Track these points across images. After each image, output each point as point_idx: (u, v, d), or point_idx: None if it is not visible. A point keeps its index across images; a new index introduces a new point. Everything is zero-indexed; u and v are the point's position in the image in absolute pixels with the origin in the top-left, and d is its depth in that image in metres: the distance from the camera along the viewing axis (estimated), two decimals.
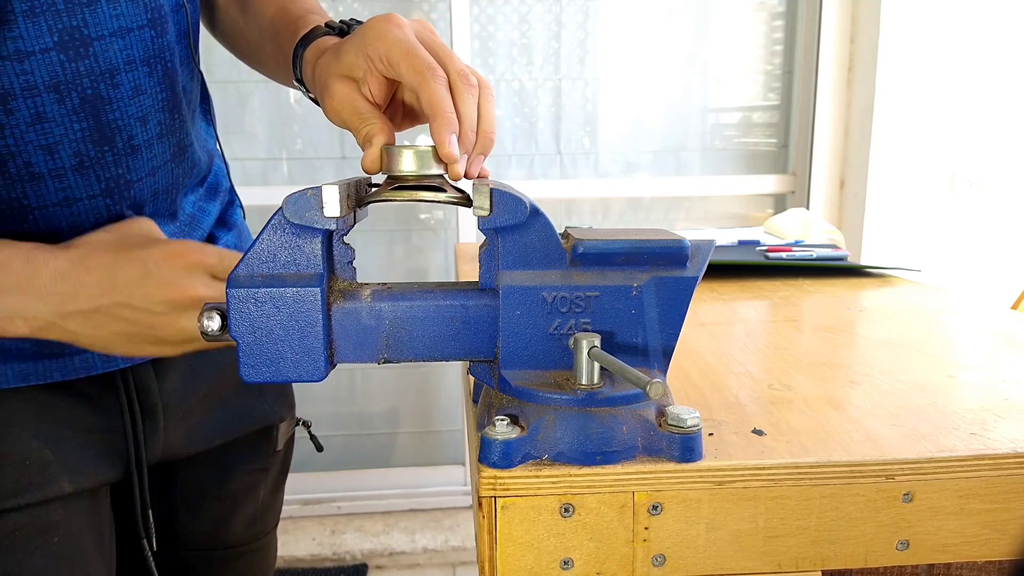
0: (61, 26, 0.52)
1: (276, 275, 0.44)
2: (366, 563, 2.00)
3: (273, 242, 0.44)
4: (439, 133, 0.48)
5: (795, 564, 0.44)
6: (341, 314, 0.45)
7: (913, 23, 1.85)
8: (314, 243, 0.44)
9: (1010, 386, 0.57)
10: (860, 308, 0.84)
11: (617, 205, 2.15)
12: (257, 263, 0.45)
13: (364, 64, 0.52)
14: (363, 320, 0.45)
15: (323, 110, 0.56)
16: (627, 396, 0.43)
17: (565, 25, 2.03)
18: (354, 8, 1.97)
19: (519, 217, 0.44)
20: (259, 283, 0.44)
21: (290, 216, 0.44)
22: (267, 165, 2.03)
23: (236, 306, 0.43)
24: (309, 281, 0.44)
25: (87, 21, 0.53)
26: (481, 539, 0.44)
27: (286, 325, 0.44)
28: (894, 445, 0.45)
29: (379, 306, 0.45)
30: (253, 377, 0.44)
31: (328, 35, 0.62)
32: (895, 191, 1.93)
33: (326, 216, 0.43)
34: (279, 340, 0.44)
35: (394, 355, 0.46)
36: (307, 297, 0.44)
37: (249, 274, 0.44)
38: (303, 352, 0.44)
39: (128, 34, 0.56)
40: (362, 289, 0.46)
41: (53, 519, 0.60)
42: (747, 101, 2.14)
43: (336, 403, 2.17)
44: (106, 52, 0.55)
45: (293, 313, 0.44)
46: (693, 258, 0.47)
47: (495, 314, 0.46)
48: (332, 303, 0.45)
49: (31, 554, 0.59)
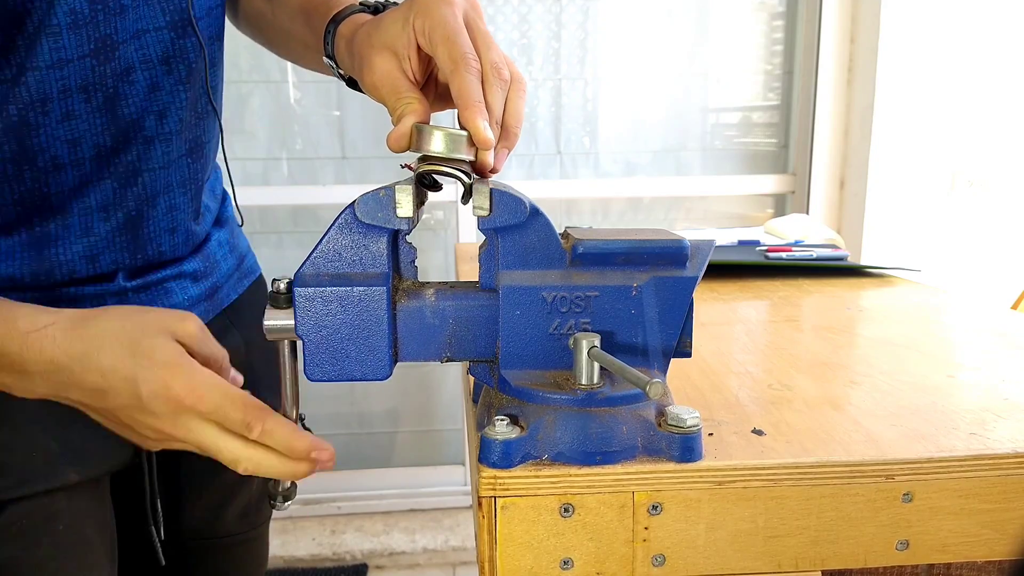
0: (97, 35, 0.55)
1: (342, 274, 0.45)
2: (366, 563, 2.00)
3: (340, 242, 0.45)
4: (471, 120, 0.47)
5: (795, 564, 0.44)
6: (406, 313, 0.46)
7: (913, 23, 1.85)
8: (380, 242, 0.45)
9: (1010, 386, 0.57)
10: (860, 308, 0.84)
11: (617, 205, 2.15)
12: (323, 262, 0.45)
13: (406, 37, 0.51)
14: (427, 319, 0.46)
15: (360, 83, 0.56)
16: (627, 396, 0.43)
17: (565, 25, 2.03)
18: None
19: (519, 217, 0.44)
20: (325, 282, 0.44)
21: (362, 216, 0.44)
22: (267, 165, 2.03)
23: (302, 305, 0.44)
24: (375, 280, 0.44)
25: (117, 28, 0.56)
26: (481, 539, 0.44)
27: (352, 324, 0.44)
28: (894, 445, 0.45)
29: (443, 305, 0.46)
30: (318, 376, 0.45)
31: (363, 12, 0.61)
32: (895, 191, 1.93)
33: (399, 216, 0.44)
34: (345, 339, 0.45)
35: (457, 354, 0.47)
36: (373, 296, 0.44)
37: (315, 273, 0.45)
38: (368, 350, 0.45)
39: (144, 35, 0.58)
40: (425, 288, 0.47)
41: (58, 508, 0.61)
42: (747, 101, 2.14)
43: (336, 402, 2.17)
44: (127, 53, 0.57)
45: (359, 312, 0.44)
46: (693, 258, 0.47)
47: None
48: (397, 302, 0.45)
49: (36, 543, 0.60)
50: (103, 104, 0.57)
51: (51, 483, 0.60)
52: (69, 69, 0.54)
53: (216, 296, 0.73)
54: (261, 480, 0.82)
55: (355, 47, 0.56)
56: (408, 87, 0.51)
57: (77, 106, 0.56)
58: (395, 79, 0.51)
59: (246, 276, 0.80)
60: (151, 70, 0.60)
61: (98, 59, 0.55)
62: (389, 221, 0.44)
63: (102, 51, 0.55)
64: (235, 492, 0.79)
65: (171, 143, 0.63)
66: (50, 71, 0.54)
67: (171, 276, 0.68)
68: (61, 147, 0.57)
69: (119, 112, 0.59)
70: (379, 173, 2.04)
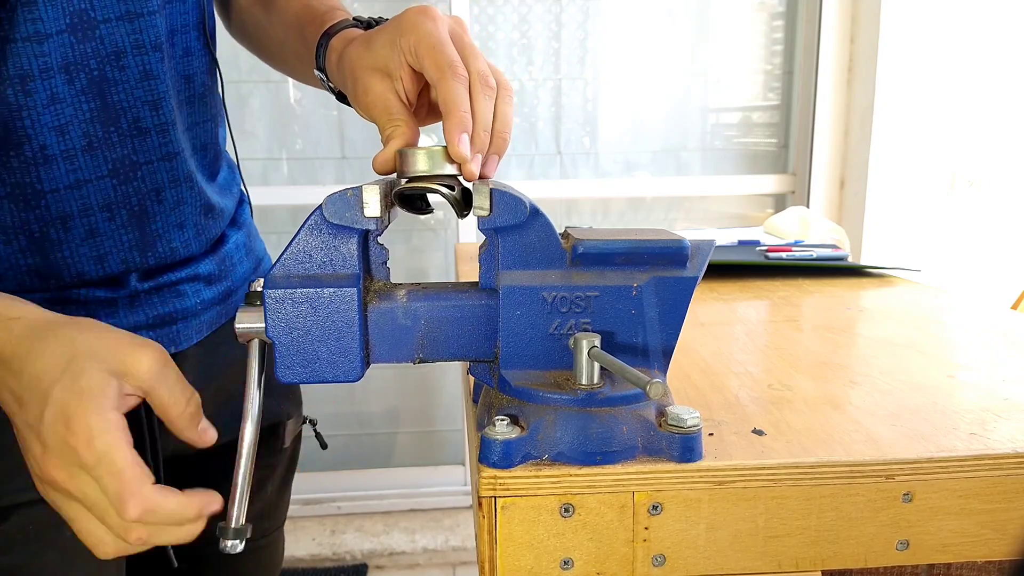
0: (72, 9, 0.54)
1: (312, 276, 0.45)
2: (366, 563, 2.00)
3: (309, 243, 0.45)
4: (450, 132, 0.47)
5: (795, 564, 0.44)
6: (377, 314, 0.45)
7: (913, 23, 1.85)
8: (351, 243, 0.45)
9: (1010, 386, 0.57)
10: (860, 308, 0.84)
11: (617, 205, 2.15)
12: (293, 264, 0.45)
13: (397, 57, 0.51)
14: (399, 320, 0.46)
15: (352, 101, 0.56)
16: (627, 396, 0.43)
17: (565, 25, 2.03)
18: (354, 7, 1.97)
19: (519, 217, 0.44)
20: (296, 283, 0.44)
21: (330, 216, 0.44)
22: (267, 165, 2.03)
23: (273, 307, 0.44)
24: (346, 281, 0.44)
25: (94, 5, 0.55)
26: (481, 539, 0.44)
27: (323, 326, 0.44)
28: (894, 445, 0.45)
29: (414, 306, 0.46)
30: (289, 378, 0.45)
31: (355, 27, 0.62)
32: (895, 191, 1.93)
33: (367, 216, 0.44)
34: (316, 341, 0.44)
35: (429, 355, 0.47)
36: (344, 297, 0.44)
37: (286, 275, 0.45)
38: (340, 352, 0.44)
39: (137, 19, 0.57)
40: (397, 289, 0.47)
41: None
42: (747, 101, 2.14)
43: (336, 403, 2.17)
44: (112, 35, 0.56)
45: (330, 313, 0.44)
46: (693, 258, 0.47)
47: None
48: (368, 303, 0.45)
49: (45, 548, 0.59)
50: (88, 87, 0.56)
51: None
52: (49, 45, 0.53)
53: (230, 300, 0.73)
54: (277, 486, 0.82)
55: (345, 64, 0.56)
56: (399, 109, 0.51)
57: (60, 88, 0.55)
58: (387, 101, 0.52)
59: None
60: (144, 56, 0.58)
61: (75, 36, 0.54)
62: (357, 221, 0.44)
63: (79, 27, 0.54)
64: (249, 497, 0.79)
65: (168, 134, 0.62)
66: (28, 44, 0.52)
67: (185, 278, 0.67)
68: (48, 134, 0.55)
69: (108, 99, 0.57)
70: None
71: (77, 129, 0.57)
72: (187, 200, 0.65)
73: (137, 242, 0.62)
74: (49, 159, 0.56)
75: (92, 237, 0.60)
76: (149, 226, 0.63)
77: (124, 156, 0.60)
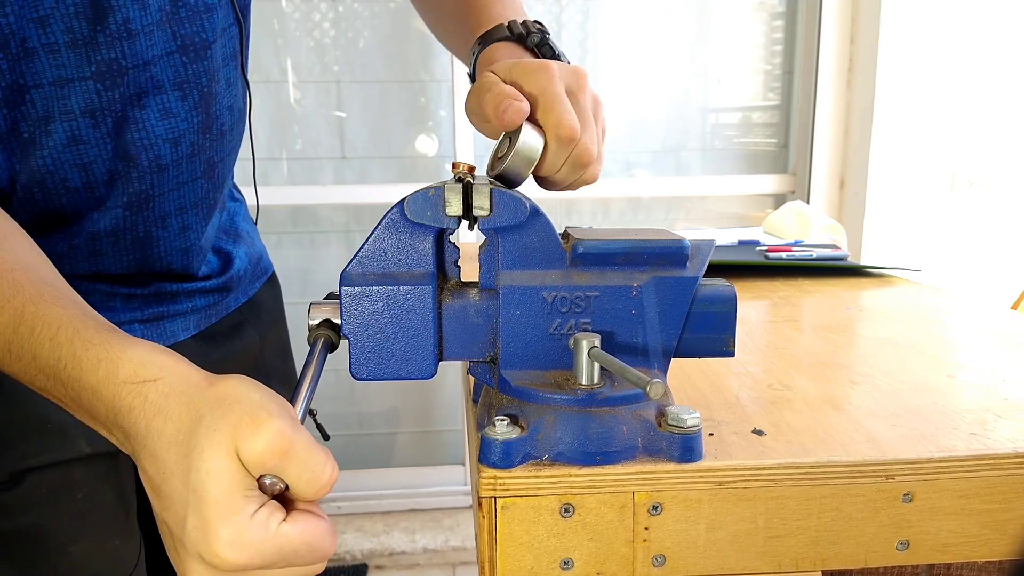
0: (100, 58, 0.53)
1: (388, 273, 0.45)
2: (366, 563, 2.00)
3: (385, 240, 0.45)
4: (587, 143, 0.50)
5: (795, 564, 0.44)
6: (451, 312, 0.46)
7: (913, 23, 1.85)
8: (426, 242, 0.45)
9: (1010, 386, 0.57)
10: (860, 308, 0.84)
11: (617, 205, 2.15)
12: (369, 261, 0.45)
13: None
14: (471, 318, 0.46)
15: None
16: (627, 396, 0.43)
17: (565, 25, 2.03)
18: (354, 8, 1.97)
19: (519, 217, 0.45)
20: (371, 281, 0.44)
21: (411, 215, 0.44)
22: (267, 165, 2.03)
23: (348, 304, 0.44)
24: (421, 279, 0.45)
25: (125, 53, 0.54)
26: (481, 539, 0.44)
27: (398, 323, 0.45)
28: (894, 445, 0.45)
29: (487, 304, 0.46)
30: (363, 374, 0.45)
31: (508, 40, 0.61)
32: (895, 191, 1.93)
33: (448, 215, 0.44)
34: (390, 338, 0.45)
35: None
36: (419, 295, 0.44)
37: (361, 272, 0.45)
38: (414, 349, 0.45)
39: (159, 61, 0.57)
40: (469, 288, 0.47)
41: (76, 478, 0.62)
42: (747, 101, 2.14)
43: (336, 403, 2.17)
44: (137, 79, 0.56)
45: (405, 311, 0.44)
46: (693, 258, 0.47)
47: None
48: (442, 301, 0.46)
49: (56, 510, 0.61)
50: (112, 129, 0.56)
51: (66, 454, 0.61)
52: (70, 89, 0.53)
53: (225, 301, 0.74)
54: None
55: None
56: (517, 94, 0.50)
57: (84, 131, 0.55)
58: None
59: (260, 276, 0.81)
60: (163, 95, 0.58)
61: (103, 83, 0.54)
62: (438, 220, 0.45)
63: (107, 76, 0.54)
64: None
65: (182, 167, 0.61)
66: (52, 88, 0.53)
67: (186, 291, 0.68)
68: (71, 171, 0.56)
69: (127, 136, 0.57)
70: (378, 173, 2.04)
71: (100, 167, 0.57)
72: (193, 226, 0.66)
73: (136, 262, 0.63)
74: (72, 191, 0.57)
75: (94, 256, 0.61)
76: (151, 250, 0.63)
77: (142, 191, 0.60)
